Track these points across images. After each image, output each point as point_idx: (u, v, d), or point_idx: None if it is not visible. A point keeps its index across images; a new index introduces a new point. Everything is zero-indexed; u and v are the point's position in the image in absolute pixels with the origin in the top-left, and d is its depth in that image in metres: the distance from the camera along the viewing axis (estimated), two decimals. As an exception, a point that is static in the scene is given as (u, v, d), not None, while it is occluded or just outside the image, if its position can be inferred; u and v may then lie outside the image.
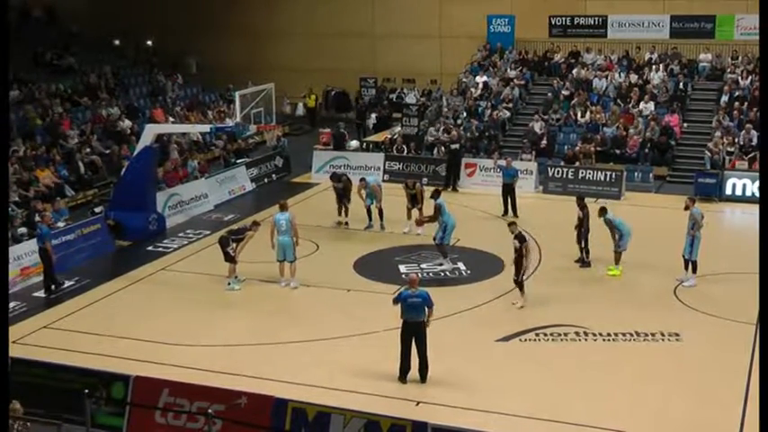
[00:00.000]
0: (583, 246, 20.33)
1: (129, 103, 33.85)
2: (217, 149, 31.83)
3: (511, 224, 18.17)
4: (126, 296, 18.97)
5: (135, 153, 24.03)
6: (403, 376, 14.37)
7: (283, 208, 19.42)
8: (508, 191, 24.82)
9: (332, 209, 24.40)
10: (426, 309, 14.32)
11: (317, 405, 12.41)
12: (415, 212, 22.89)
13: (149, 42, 41.01)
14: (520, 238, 17.62)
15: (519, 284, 17.73)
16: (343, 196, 23.96)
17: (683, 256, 18.92)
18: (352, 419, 12.06)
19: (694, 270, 18.81)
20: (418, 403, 13.62)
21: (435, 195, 20.87)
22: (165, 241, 22.77)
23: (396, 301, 14.57)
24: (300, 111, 40.47)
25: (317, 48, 39.94)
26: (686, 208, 19.16)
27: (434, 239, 20.48)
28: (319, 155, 30.68)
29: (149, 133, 23.55)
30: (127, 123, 31.18)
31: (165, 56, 40.03)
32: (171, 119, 32.63)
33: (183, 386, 13.03)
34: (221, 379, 13.92)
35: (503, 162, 26.04)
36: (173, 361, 15.04)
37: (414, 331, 14.26)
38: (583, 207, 20.29)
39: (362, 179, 23.69)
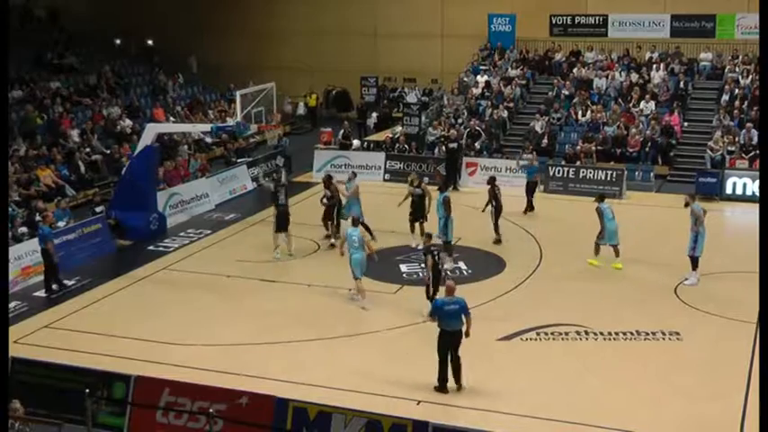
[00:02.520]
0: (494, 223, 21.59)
1: (129, 102, 33.89)
2: (217, 149, 31.86)
3: (427, 236, 17.87)
4: (127, 296, 18.99)
5: (136, 152, 24.04)
6: (442, 385, 14.00)
7: (355, 223, 18.76)
8: (531, 188, 25.08)
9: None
10: (464, 317, 13.91)
11: (318, 404, 12.41)
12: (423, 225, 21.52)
13: (150, 42, 41.04)
14: (428, 251, 17.23)
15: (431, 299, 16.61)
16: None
17: (688, 255, 18.89)
18: (354, 419, 12.06)
19: (695, 267, 18.79)
20: (419, 402, 13.63)
21: (443, 188, 21.09)
22: (165, 241, 22.80)
23: (432, 313, 14.20)
24: (302, 110, 40.49)
25: (319, 47, 39.99)
26: (686, 205, 19.18)
27: (438, 237, 20.20)
28: (320, 154, 30.69)
29: (150, 132, 23.57)
30: (128, 123, 31.22)
31: (166, 55, 40.05)
32: (172, 118, 32.66)
33: (184, 386, 13.04)
34: (223, 378, 13.93)
35: (525, 161, 26.11)
36: (174, 360, 15.06)
37: (451, 340, 13.82)
38: (492, 187, 21.61)
39: (354, 173, 23.52)
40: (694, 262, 18.78)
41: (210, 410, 11.97)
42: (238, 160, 30.32)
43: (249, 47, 40.81)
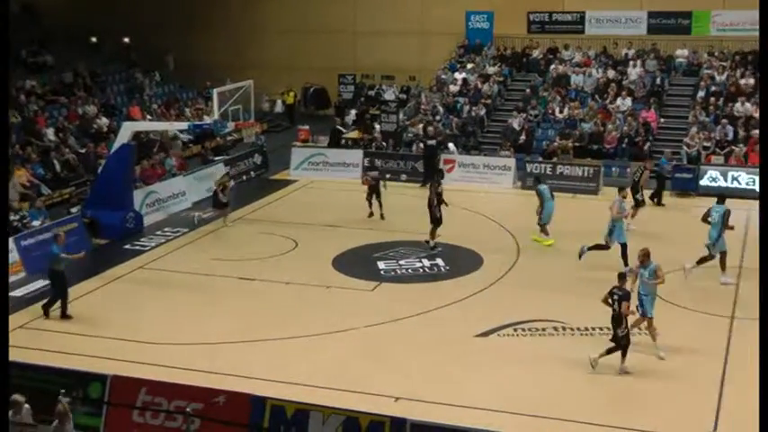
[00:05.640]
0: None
1: (105, 100, 33.66)
2: (194, 147, 31.71)
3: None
4: (103, 295, 18.87)
5: (112, 151, 23.89)
6: None
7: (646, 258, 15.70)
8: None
9: (311, 205, 24.37)
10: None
11: (295, 402, 12.38)
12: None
13: (126, 39, 40.77)
14: None
15: None
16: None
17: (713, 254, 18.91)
18: (331, 416, 12.05)
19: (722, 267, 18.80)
20: (397, 399, 13.64)
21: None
22: (142, 239, 22.66)
23: None
24: (279, 108, 40.36)
25: (297, 45, 39.88)
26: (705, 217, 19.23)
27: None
28: (298, 152, 30.62)
29: (127, 131, 23.43)
30: (104, 121, 31.01)
31: (142, 53, 39.80)
32: (148, 116, 32.47)
33: (161, 385, 12.97)
34: (200, 377, 13.88)
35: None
36: (151, 360, 14.97)
37: None
38: (431, 186, 21.97)
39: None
40: (721, 258, 18.77)
41: (187, 409, 11.92)
42: (216, 158, 30.18)
43: (227, 45, 40.64)
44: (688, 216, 22.97)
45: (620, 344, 14.47)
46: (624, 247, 19.42)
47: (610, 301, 14.66)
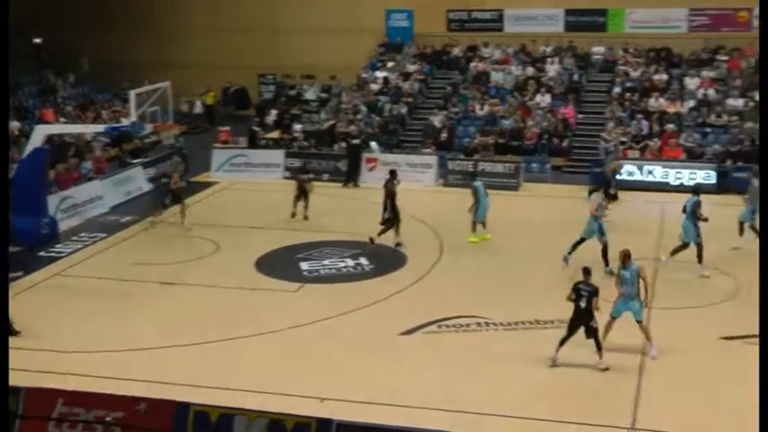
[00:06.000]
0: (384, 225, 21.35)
1: (17, 103, 32.71)
2: (112, 150, 31.04)
3: None
4: (17, 304, 18.21)
5: (24, 155, 23.21)
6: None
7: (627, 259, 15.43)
8: None
9: (232, 207, 24.10)
10: None
11: (219, 407, 12.16)
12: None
13: (38, 40, 39.67)
14: None
15: None
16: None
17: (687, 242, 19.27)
18: (257, 420, 11.85)
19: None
20: (323, 400, 13.52)
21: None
22: (57, 246, 22.04)
23: None
24: (199, 109, 39.79)
25: (217, 44, 39.41)
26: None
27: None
28: (219, 153, 30.24)
29: (39, 134, 22.81)
30: (15, 125, 30.09)
31: (55, 54, 38.81)
32: (62, 119, 31.67)
33: (79, 395, 12.58)
34: (120, 385, 13.55)
35: None
36: (68, 369, 14.53)
37: None
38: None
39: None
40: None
41: (107, 419, 11.61)
42: (134, 161, 29.59)
43: (145, 44, 39.87)
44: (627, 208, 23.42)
45: (596, 337, 14.39)
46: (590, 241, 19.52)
47: (574, 297, 14.49)
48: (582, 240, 19.53)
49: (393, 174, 22.13)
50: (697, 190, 20.09)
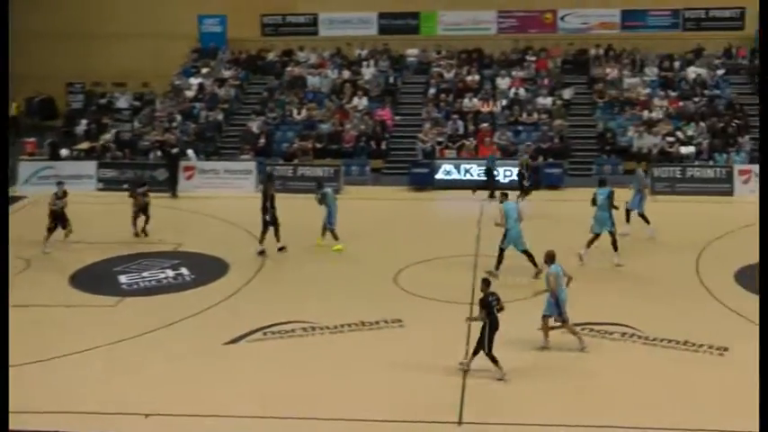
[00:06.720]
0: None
1: None
2: None
3: None
4: None
5: None
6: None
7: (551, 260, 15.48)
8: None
9: (42, 221, 22.87)
10: None
11: (34, 433, 11.54)
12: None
13: None
14: None
15: None
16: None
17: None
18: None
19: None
20: (147, 416, 13.05)
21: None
22: None
23: None
24: (1, 120, 37.66)
25: (21, 51, 37.35)
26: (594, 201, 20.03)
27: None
28: (25, 166, 28.75)
29: None
30: None
31: None
32: None
33: None
34: None
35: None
36: None
37: None
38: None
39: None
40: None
41: None
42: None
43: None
44: (425, 209, 23.87)
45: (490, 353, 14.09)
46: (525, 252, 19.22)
47: (485, 311, 14.05)
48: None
49: (270, 176, 21.91)
50: (604, 181, 20.80)
